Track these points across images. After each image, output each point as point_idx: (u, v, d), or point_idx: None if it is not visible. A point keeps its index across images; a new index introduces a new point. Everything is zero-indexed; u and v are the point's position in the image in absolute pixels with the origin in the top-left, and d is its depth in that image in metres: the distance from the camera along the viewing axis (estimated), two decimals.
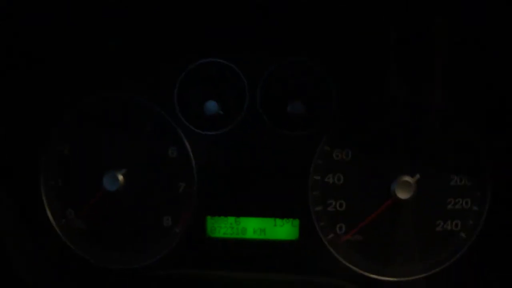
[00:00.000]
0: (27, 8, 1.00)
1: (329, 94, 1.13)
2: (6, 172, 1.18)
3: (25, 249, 1.19)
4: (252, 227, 1.18)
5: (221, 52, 1.15)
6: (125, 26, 1.12)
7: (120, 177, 1.17)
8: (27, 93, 1.19)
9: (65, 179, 1.23)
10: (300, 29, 1.11)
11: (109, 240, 1.22)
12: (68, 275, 1.21)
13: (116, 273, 1.21)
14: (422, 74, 1.13)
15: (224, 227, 1.19)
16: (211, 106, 1.14)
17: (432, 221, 1.17)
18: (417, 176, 1.12)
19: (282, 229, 1.18)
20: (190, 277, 1.17)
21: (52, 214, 1.23)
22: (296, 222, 1.17)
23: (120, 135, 1.20)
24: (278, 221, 1.18)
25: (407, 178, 1.11)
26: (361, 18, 1.07)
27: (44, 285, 1.18)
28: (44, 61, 1.16)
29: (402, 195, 1.11)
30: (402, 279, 1.18)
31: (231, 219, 1.19)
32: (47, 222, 1.22)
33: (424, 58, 1.11)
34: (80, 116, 1.21)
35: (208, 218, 1.19)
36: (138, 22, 1.11)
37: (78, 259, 1.22)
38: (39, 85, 1.19)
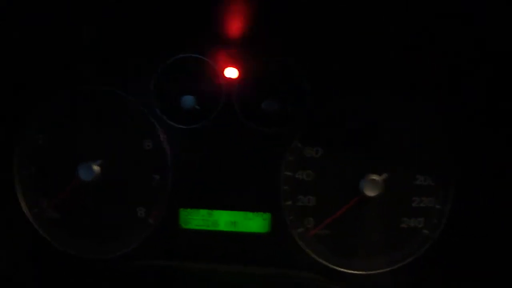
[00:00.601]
0: None
1: (302, 92, 1.16)
2: None
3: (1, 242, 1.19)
4: (224, 220, 1.21)
5: (199, 47, 1.17)
6: (103, 17, 1.13)
7: (96, 168, 1.18)
8: (3, 82, 1.18)
9: (39, 168, 1.23)
10: (274, 28, 1.13)
11: (82, 230, 1.24)
12: (41, 265, 1.22)
13: (89, 263, 1.23)
14: (390, 74, 1.16)
15: (197, 219, 1.22)
16: (188, 100, 1.16)
17: (397, 218, 1.21)
18: (385, 175, 1.16)
19: (253, 222, 1.21)
20: (162, 267, 1.18)
21: (25, 203, 1.23)
22: (267, 215, 1.21)
23: (96, 127, 1.21)
24: (249, 214, 1.21)
25: (374, 177, 1.15)
26: (335, 16, 1.09)
27: (16, 275, 1.19)
28: (21, 50, 1.16)
29: (370, 192, 1.15)
30: (367, 272, 1.22)
31: (204, 212, 1.21)
32: (20, 211, 1.23)
33: (393, 57, 1.15)
34: (56, 106, 1.21)
35: (181, 210, 1.21)
36: (117, 14, 1.12)
37: (51, 248, 1.23)
38: (14, 74, 1.19)
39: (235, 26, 1.14)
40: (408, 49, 1.14)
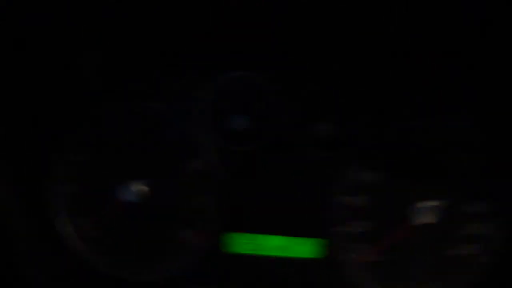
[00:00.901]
0: (49, 12, 0.96)
1: (358, 115, 1.11)
2: (19, 179, 1.13)
3: (35, 258, 1.14)
4: (272, 245, 1.16)
5: (255, 65, 1.11)
6: (151, 33, 1.08)
7: (138, 188, 1.13)
8: (45, 98, 1.14)
9: (78, 186, 1.18)
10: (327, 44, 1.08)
11: (122, 252, 1.19)
12: (80, 285, 1.17)
13: (130, 286, 1.17)
14: (449, 96, 1.11)
15: (243, 243, 1.16)
16: (240, 120, 1.11)
17: (451, 245, 1.16)
18: (439, 201, 1.11)
19: (303, 248, 1.16)
20: None
21: (63, 222, 1.18)
22: (317, 241, 1.15)
23: (141, 145, 1.16)
24: (299, 239, 1.15)
25: (429, 203, 1.10)
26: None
27: None
28: (64, 66, 1.12)
29: (424, 219, 1.11)
30: None
31: (251, 236, 1.16)
32: (58, 231, 1.18)
33: (453, 81, 1.10)
34: (97, 124, 1.16)
35: (227, 234, 1.16)
36: (169, 27, 1.07)
37: (89, 270, 1.18)
38: (57, 90, 1.14)
39: (292, 41, 1.08)
40: (467, 71, 1.08)
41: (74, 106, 1.16)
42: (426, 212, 1.11)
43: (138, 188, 1.13)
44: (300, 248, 1.16)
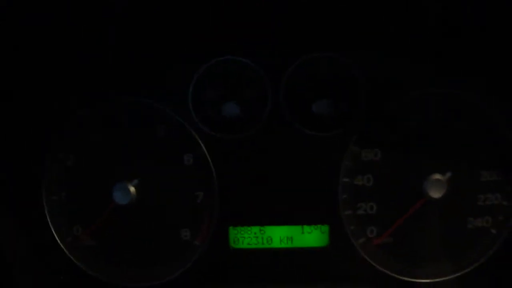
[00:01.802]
0: (31, 9, 0.88)
1: (356, 91, 1.06)
2: (6, 187, 1.06)
3: (31, 269, 1.08)
4: (279, 236, 1.11)
5: (238, 50, 1.05)
6: (134, 24, 1.01)
7: (132, 189, 1.07)
8: (26, 98, 1.07)
9: (69, 193, 1.12)
10: (325, 23, 1.03)
11: (122, 257, 1.13)
12: None
13: None
14: (451, 68, 1.07)
15: (248, 237, 1.12)
16: (231, 108, 1.05)
17: (463, 218, 1.12)
18: (449, 174, 1.07)
19: (311, 236, 1.11)
20: None
21: (57, 231, 1.12)
22: (326, 228, 1.11)
23: (130, 143, 1.10)
24: (306, 228, 1.11)
25: (438, 177, 1.06)
26: (388, 7, 0.99)
27: None
28: (45, 63, 1.04)
29: (434, 194, 1.06)
30: (434, 280, 1.13)
31: (256, 229, 1.11)
32: (53, 241, 1.11)
33: (454, 50, 1.05)
34: (84, 123, 1.10)
35: (231, 228, 1.11)
36: (148, 18, 1.01)
37: (89, 278, 1.12)
38: (39, 88, 1.08)
39: (277, 21, 1.02)
40: (467, 42, 1.04)
41: (58, 106, 1.09)
42: (436, 186, 1.06)
43: (131, 189, 1.06)
44: (308, 237, 1.11)
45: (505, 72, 1.08)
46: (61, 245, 1.12)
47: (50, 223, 1.12)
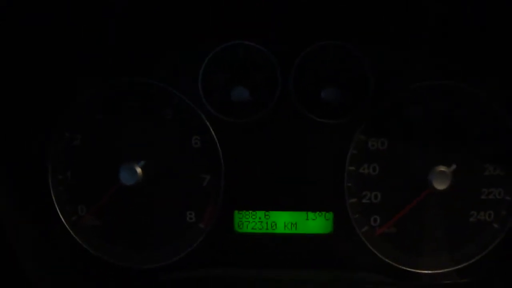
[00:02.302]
0: None
1: (365, 79, 1.06)
2: (12, 166, 1.06)
3: (35, 248, 1.07)
4: (283, 221, 1.12)
5: (250, 35, 1.06)
6: (146, 5, 1.01)
7: (139, 170, 1.07)
8: (33, 77, 1.07)
9: (75, 172, 1.12)
10: (335, 11, 1.03)
11: (126, 238, 1.13)
12: (83, 276, 1.11)
13: (135, 273, 1.12)
14: (458, 60, 1.07)
15: (253, 222, 1.12)
16: (240, 92, 1.06)
17: (465, 211, 1.13)
18: (453, 166, 1.07)
19: (315, 223, 1.12)
20: (216, 276, 1.08)
21: (62, 210, 1.12)
22: (330, 215, 1.11)
23: (138, 124, 1.10)
24: (311, 214, 1.11)
25: (443, 168, 1.07)
26: (399, 2, 1.00)
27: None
28: (54, 41, 1.04)
29: (439, 185, 1.07)
30: (435, 271, 1.14)
31: (260, 213, 1.12)
32: (57, 219, 1.11)
33: (462, 42, 1.06)
34: (92, 103, 1.10)
35: (236, 212, 1.11)
36: (162, 0, 1.00)
37: (92, 259, 1.12)
38: (46, 68, 1.07)
39: (287, 7, 1.03)
40: (476, 33, 1.05)
41: (64, 85, 1.09)
42: (440, 178, 1.07)
43: (137, 170, 1.07)
44: (312, 223, 1.11)
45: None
46: (66, 225, 1.12)
47: (55, 202, 1.12)
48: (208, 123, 1.08)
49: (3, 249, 1.02)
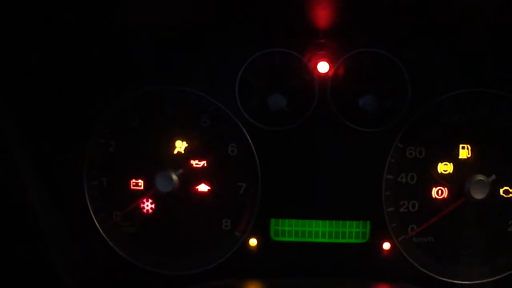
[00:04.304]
0: None
1: (402, 87, 1.06)
2: (48, 172, 1.06)
3: (71, 254, 1.08)
4: (319, 230, 1.11)
5: (287, 42, 1.06)
6: (183, 12, 1.01)
7: (175, 177, 1.07)
8: (70, 83, 1.07)
9: (110, 179, 1.12)
10: (372, 18, 1.03)
11: (160, 244, 1.13)
12: (118, 283, 1.11)
13: (169, 280, 1.11)
14: (498, 67, 1.07)
15: (289, 230, 1.11)
16: (277, 100, 1.05)
17: (504, 221, 1.12)
18: (493, 176, 1.06)
19: (351, 232, 1.11)
20: (250, 286, 1.08)
21: (97, 217, 1.12)
22: (367, 224, 1.10)
23: (175, 131, 1.10)
24: (347, 223, 1.10)
25: (482, 178, 1.05)
26: (435, 7, 0.99)
27: None
28: (92, 48, 1.05)
29: (477, 195, 1.06)
30: (472, 282, 1.12)
31: (297, 222, 1.11)
32: (92, 226, 1.11)
33: (502, 49, 1.05)
34: (128, 110, 1.10)
35: (272, 220, 1.11)
36: (198, 8, 1.00)
37: (127, 265, 1.11)
38: (83, 73, 1.08)
39: (325, 15, 1.03)
40: None
41: (101, 92, 1.09)
42: (478, 187, 1.05)
43: (175, 177, 1.07)
44: (348, 232, 1.10)
45: None
46: (101, 231, 1.12)
47: (90, 209, 1.12)
48: (245, 131, 1.08)
49: (40, 257, 1.02)
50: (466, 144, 1.09)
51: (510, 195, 1.10)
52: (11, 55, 0.97)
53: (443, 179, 1.09)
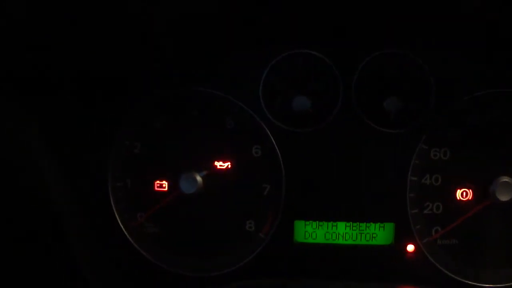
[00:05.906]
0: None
1: (427, 88, 1.06)
2: (73, 174, 1.07)
3: (95, 254, 1.08)
4: (343, 232, 1.10)
5: (311, 44, 1.06)
6: (209, 15, 1.02)
7: (199, 179, 1.07)
8: (96, 85, 1.08)
9: (135, 180, 1.12)
10: (395, 19, 1.03)
11: (185, 245, 1.13)
12: (142, 284, 1.11)
13: (193, 281, 1.11)
14: None
15: (313, 232, 1.11)
16: (302, 102, 1.06)
17: None
18: None
19: (375, 234, 1.10)
20: (274, 286, 1.07)
21: (121, 218, 1.12)
22: (391, 226, 1.09)
23: (199, 133, 1.11)
24: (371, 225, 1.10)
25: (507, 179, 1.05)
26: (459, 7, 0.99)
27: None
28: (117, 49, 1.05)
29: (502, 196, 1.05)
30: (496, 285, 1.11)
31: (321, 224, 1.11)
32: (116, 226, 1.12)
33: None
34: (152, 112, 1.11)
35: (296, 222, 1.11)
36: (223, 10, 1.01)
37: (151, 266, 1.12)
38: (109, 76, 1.08)
39: (349, 17, 1.03)
40: None
41: (126, 93, 1.10)
42: (504, 189, 1.05)
43: (199, 179, 1.07)
44: (372, 234, 1.10)
45: None
46: (125, 232, 1.12)
47: (114, 210, 1.12)
48: (269, 132, 1.08)
49: (64, 257, 1.03)
50: (491, 145, 1.08)
51: None
52: (35, 58, 0.98)
53: (468, 181, 1.08)
